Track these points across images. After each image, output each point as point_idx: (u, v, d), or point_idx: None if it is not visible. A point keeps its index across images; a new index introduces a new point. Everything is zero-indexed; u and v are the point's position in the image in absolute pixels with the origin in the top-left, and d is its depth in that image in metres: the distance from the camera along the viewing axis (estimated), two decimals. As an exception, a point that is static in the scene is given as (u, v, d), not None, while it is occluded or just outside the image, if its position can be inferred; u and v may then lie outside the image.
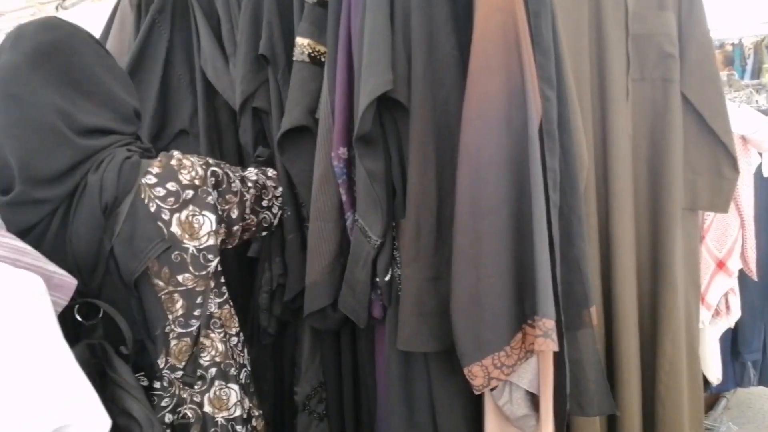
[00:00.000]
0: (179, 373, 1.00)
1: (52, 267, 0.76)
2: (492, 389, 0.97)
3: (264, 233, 1.23)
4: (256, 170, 1.19)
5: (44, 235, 0.90)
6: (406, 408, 1.11)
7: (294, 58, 1.14)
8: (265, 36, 1.18)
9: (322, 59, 1.12)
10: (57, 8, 2.39)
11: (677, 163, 1.26)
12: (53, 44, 0.92)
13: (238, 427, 1.07)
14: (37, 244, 0.84)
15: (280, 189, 1.22)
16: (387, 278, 1.07)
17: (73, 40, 0.95)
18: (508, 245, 0.89)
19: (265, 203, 1.17)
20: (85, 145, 0.91)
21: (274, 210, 1.21)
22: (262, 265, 1.29)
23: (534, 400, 1.00)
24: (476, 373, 0.92)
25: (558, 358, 0.97)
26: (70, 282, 0.78)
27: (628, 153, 1.24)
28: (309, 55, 1.12)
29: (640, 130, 1.27)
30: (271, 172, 1.23)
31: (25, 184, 0.88)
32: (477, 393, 0.95)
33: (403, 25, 0.96)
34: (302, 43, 1.12)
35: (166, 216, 0.93)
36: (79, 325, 0.89)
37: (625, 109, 1.23)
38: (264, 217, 1.18)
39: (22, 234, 0.86)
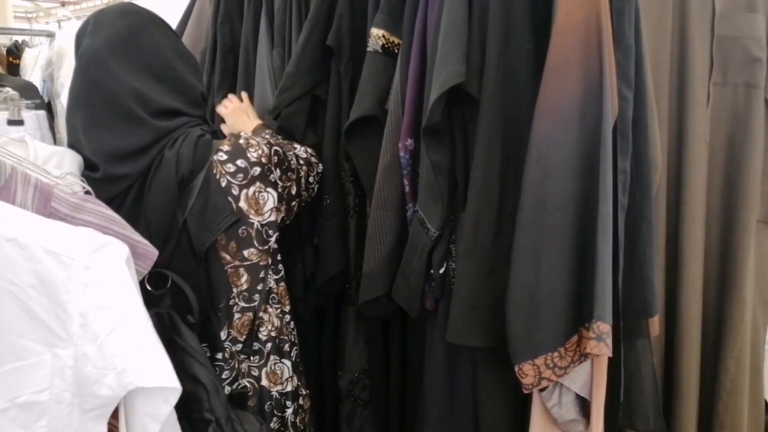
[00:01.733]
0: (239, 346, 1.04)
1: (137, 236, 0.81)
2: (541, 390, 0.96)
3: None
4: (302, 147, 1.21)
5: (120, 207, 0.95)
6: (448, 402, 1.11)
7: (368, 49, 1.16)
8: (334, 27, 1.21)
9: (395, 51, 1.13)
10: (136, -7, 2.47)
11: (755, 173, 1.20)
12: (130, 31, 0.97)
13: (288, 402, 1.11)
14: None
15: (321, 165, 1.24)
16: (441, 270, 1.07)
17: (148, 27, 1.00)
18: (571, 245, 0.88)
19: (311, 179, 1.20)
20: (160, 125, 0.96)
21: (316, 187, 1.23)
22: (293, 257, 1.31)
23: (584, 405, 0.98)
24: (527, 372, 0.91)
25: (613, 366, 0.95)
26: (152, 252, 0.82)
27: (703, 160, 1.19)
28: (383, 46, 1.13)
29: (717, 137, 1.21)
30: (310, 149, 1.25)
31: (106, 162, 0.94)
32: (526, 392, 0.95)
33: (480, 19, 0.95)
34: (377, 34, 1.13)
35: (235, 191, 0.98)
36: (148, 294, 0.93)
37: (704, 114, 1.18)
38: (309, 193, 1.21)
39: (107, 203, 0.90)
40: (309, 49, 1.25)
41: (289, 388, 1.11)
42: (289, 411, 1.11)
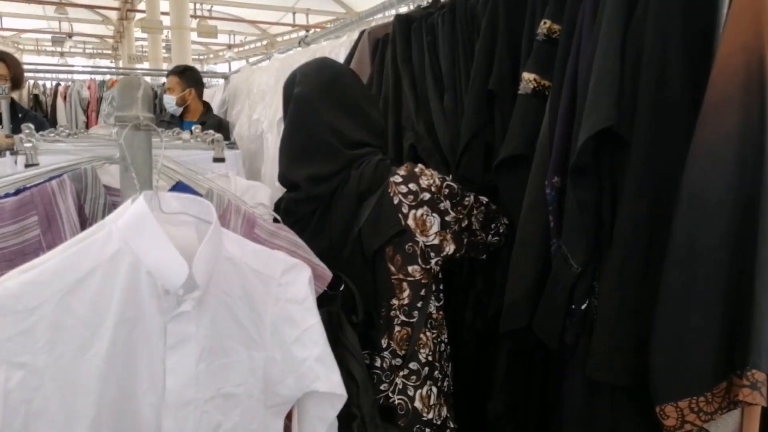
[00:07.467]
0: (399, 361, 1.12)
1: (316, 260, 0.95)
2: (684, 435, 0.94)
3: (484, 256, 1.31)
4: (486, 199, 1.28)
5: (310, 219, 1.14)
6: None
7: (519, 92, 1.22)
8: (495, 71, 1.29)
9: (546, 93, 1.18)
10: (299, 44, 2.84)
11: None
12: (331, 79, 1.16)
13: (428, 430, 1.13)
14: (303, 227, 1.09)
15: (506, 219, 1.30)
16: (583, 306, 1.09)
17: (343, 76, 1.19)
18: (724, 289, 0.86)
19: (493, 226, 1.27)
20: (351, 153, 1.14)
21: (503, 239, 1.29)
22: (467, 282, 1.38)
23: (731, 455, 0.94)
24: (669, 413, 0.90)
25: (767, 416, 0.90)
26: (328, 274, 0.96)
27: None
28: (533, 89, 1.19)
29: None
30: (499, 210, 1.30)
31: (308, 184, 1.13)
32: (667, 435, 0.93)
33: (633, 64, 0.98)
34: (528, 78, 1.19)
35: (405, 210, 1.11)
36: (323, 294, 1.01)
37: None
38: (493, 242, 1.28)
39: (299, 220, 1.13)
40: (474, 93, 1.34)
41: (431, 416, 1.14)
42: None
